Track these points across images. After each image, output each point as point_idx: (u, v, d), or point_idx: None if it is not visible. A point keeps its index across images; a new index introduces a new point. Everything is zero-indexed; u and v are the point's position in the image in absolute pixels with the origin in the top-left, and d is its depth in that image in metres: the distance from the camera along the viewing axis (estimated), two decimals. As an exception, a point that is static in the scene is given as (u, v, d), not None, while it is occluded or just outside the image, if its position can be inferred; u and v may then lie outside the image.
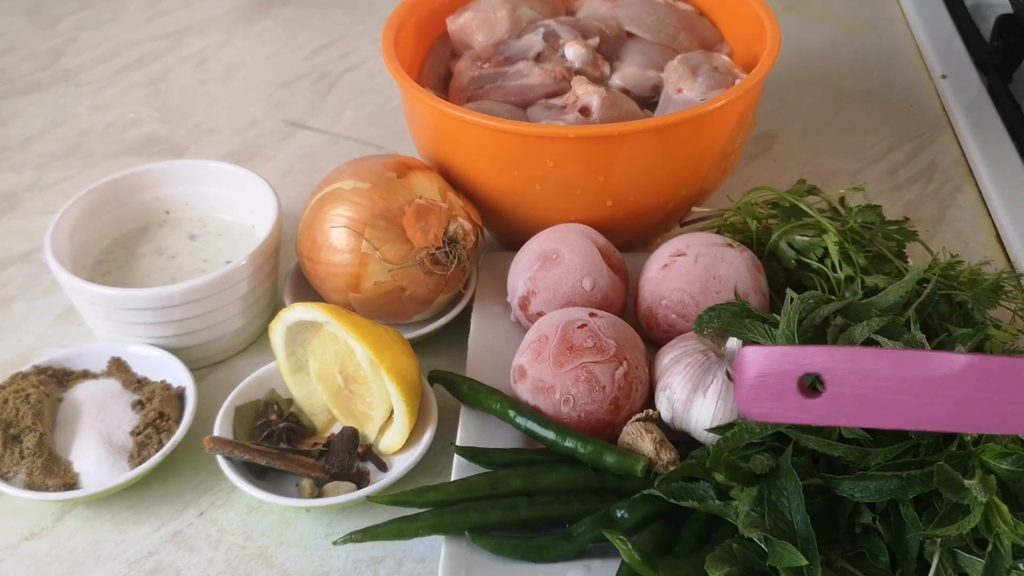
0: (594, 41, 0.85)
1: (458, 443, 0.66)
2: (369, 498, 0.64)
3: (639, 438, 0.63)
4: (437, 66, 0.88)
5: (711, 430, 0.62)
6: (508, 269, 0.75)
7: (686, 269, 0.70)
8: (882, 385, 0.47)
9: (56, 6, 1.28)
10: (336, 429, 0.71)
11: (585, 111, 0.78)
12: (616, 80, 0.84)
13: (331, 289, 0.74)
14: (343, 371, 0.69)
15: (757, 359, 0.49)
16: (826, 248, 0.72)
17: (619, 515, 0.60)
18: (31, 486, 0.66)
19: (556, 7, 0.91)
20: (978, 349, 0.62)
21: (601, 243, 0.73)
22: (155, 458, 0.67)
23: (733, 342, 0.64)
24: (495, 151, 0.75)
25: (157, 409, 0.70)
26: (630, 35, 0.87)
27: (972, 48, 1.12)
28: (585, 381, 0.64)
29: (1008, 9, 1.10)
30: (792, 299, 0.64)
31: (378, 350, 0.66)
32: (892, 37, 1.19)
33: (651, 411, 0.65)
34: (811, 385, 0.49)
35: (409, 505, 0.62)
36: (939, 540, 0.54)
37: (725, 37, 0.89)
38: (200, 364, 0.77)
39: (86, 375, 0.74)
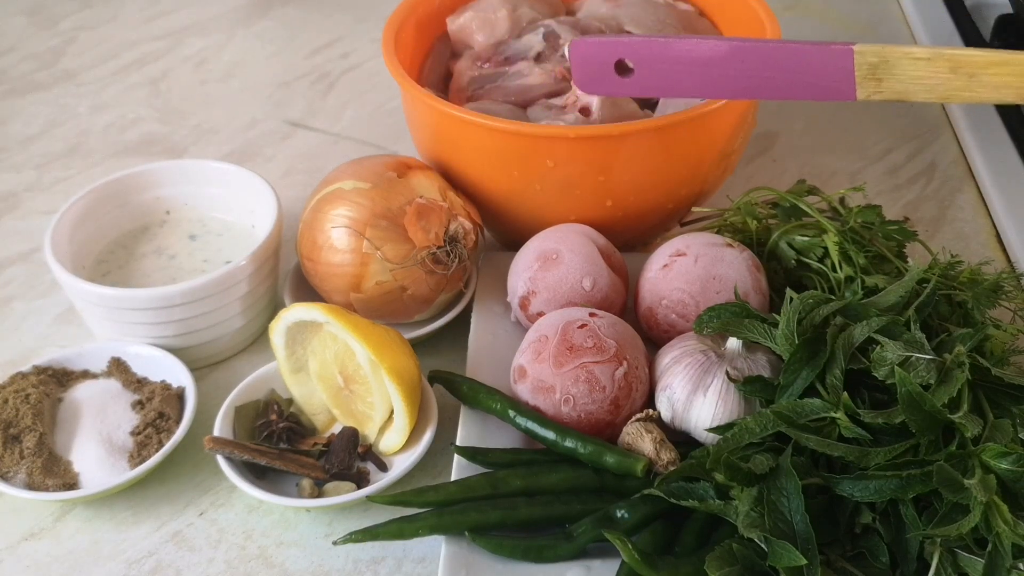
0: (594, 41, 0.85)
1: (458, 443, 0.66)
2: (369, 498, 0.64)
3: (639, 438, 0.63)
4: (437, 66, 0.88)
5: (711, 430, 0.62)
6: (508, 269, 0.75)
7: (686, 269, 0.70)
8: (673, 66, 0.63)
9: (56, 6, 1.28)
10: (336, 429, 0.71)
11: (585, 111, 0.78)
12: (616, 80, 0.84)
13: (332, 289, 0.74)
14: (343, 371, 0.69)
15: (580, 47, 0.66)
16: (826, 248, 0.72)
17: (619, 515, 0.60)
18: (31, 486, 0.66)
19: (556, 7, 0.91)
20: (978, 349, 0.62)
21: (601, 243, 0.73)
22: (155, 458, 0.67)
23: (733, 342, 0.64)
24: (495, 151, 0.75)
25: (157, 409, 0.70)
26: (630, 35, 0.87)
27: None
28: (585, 381, 0.64)
29: (1008, 9, 1.10)
30: (792, 299, 0.64)
31: (378, 350, 0.66)
32: (892, 37, 1.19)
33: (651, 411, 0.65)
34: (625, 68, 0.65)
35: (409, 505, 0.62)
36: (939, 540, 0.54)
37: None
38: (200, 364, 0.77)
39: (86, 375, 0.74)
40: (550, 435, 0.64)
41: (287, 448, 0.69)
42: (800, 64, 0.59)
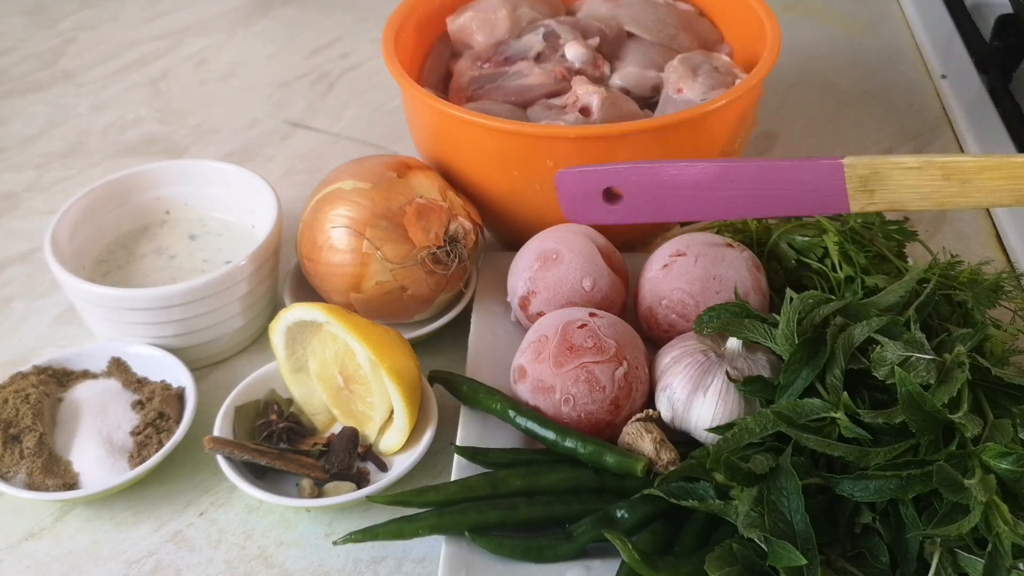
0: (594, 41, 0.85)
1: (458, 443, 0.66)
2: (369, 498, 0.64)
3: (639, 438, 0.63)
4: (437, 66, 0.88)
5: (711, 430, 0.62)
6: (508, 269, 0.75)
7: (686, 269, 0.70)
8: (662, 191, 0.62)
9: (56, 6, 1.28)
10: (336, 429, 0.71)
11: (585, 111, 0.78)
12: (616, 80, 0.84)
13: (332, 289, 0.74)
14: (343, 371, 0.69)
15: (568, 179, 0.65)
16: (826, 248, 0.72)
17: (619, 515, 0.60)
18: (31, 486, 0.66)
19: (556, 7, 0.91)
20: (978, 349, 0.62)
21: (601, 243, 0.73)
22: (155, 458, 0.67)
23: (733, 342, 0.64)
24: (495, 151, 0.75)
25: (157, 409, 0.70)
26: (630, 35, 0.87)
27: (972, 48, 1.12)
28: (585, 381, 0.64)
29: (1008, 9, 1.10)
30: (792, 299, 0.64)
31: (378, 350, 0.66)
32: (892, 37, 1.19)
33: (651, 411, 0.65)
34: (613, 195, 0.64)
35: (409, 505, 0.62)
36: (939, 540, 0.54)
37: (725, 37, 0.89)
38: (200, 364, 0.77)
39: (86, 375, 0.74)
40: (550, 435, 0.64)
41: (287, 448, 0.69)
42: (790, 181, 0.58)
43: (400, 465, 0.67)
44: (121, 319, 0.74)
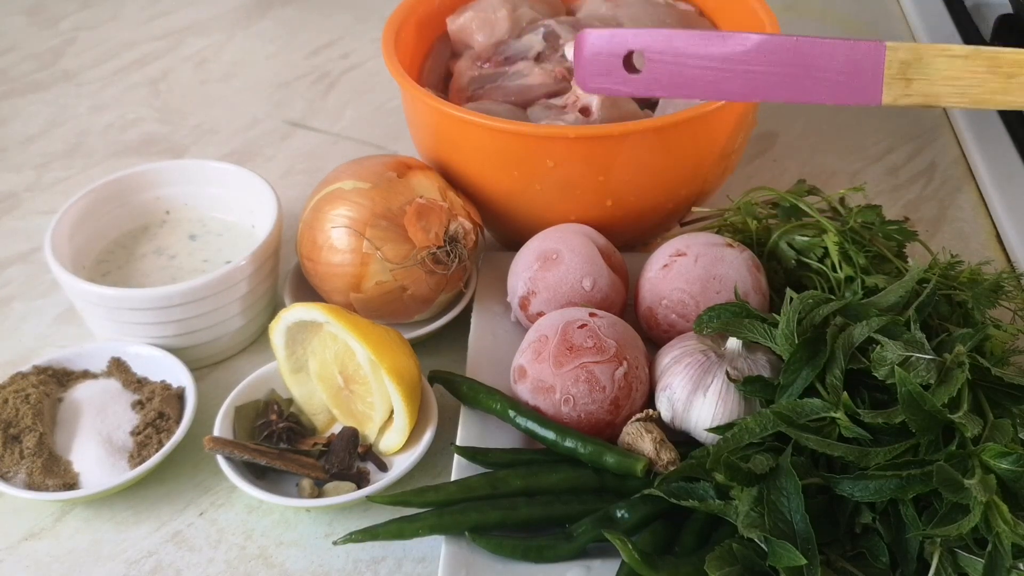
0: (594, 41, 0.85)
1: (458, 443, 0.66)
2: (369, 498, 0.64)
3: (639, 438, 0.63)
4: (437, 66, 0.88)
5: (711, 430, 0.62)
6: (508, 269, 0.75)
7: (686, 269, 0.70)
8: (689, 61, 0.56)
9: (56, 6, 1.28)
10: (336, 429, 0.71)
11: (585, 111, 0.78)
12: (616, 80, 0.84)
13: (332, 289, 0.74)
14: (343, 371, 0.69)
15: (590, 39, 0.58)
16: (826, 248, 0.72)
17: (619, 515, 0.60)
18: (31, 486, 0.66)
19: (556, 7, 0.91)
20: (978, 349, 0.62)
21: (601, 243, 0.73)
22: (155, 458, 0.67)
23: (733, 342, 0.64)
24: (495, 151, 0.75)
25: (157, 409, 0.70)
26: (630, 35, 0.87)
27: (972, 48, 1.12)
28: (585, 381, 0.64)
29: (1008, 9, 1.10)
30: (792, 299, 0.64)
31: (378, 350, 0.66)
32: (892, 37, 1.18)
33: (651, 411, 0.65)
34: (634, 64, 0.58)
35: (409, 505, 0.62)
36: (939, 540, 0.54)
37: (725, 37, 0.89)
38: (200, 364, 0.77)
39: (86, 375, 0.74)
40: (550, 435, 0.64)
41: (287, 448, 0.69)
42: (828, 60, 0.55)
43: (400, 465, 0.67)
44: (121, 319, 0.74)
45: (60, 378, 0.73)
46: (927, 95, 0.54)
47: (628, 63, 0.59)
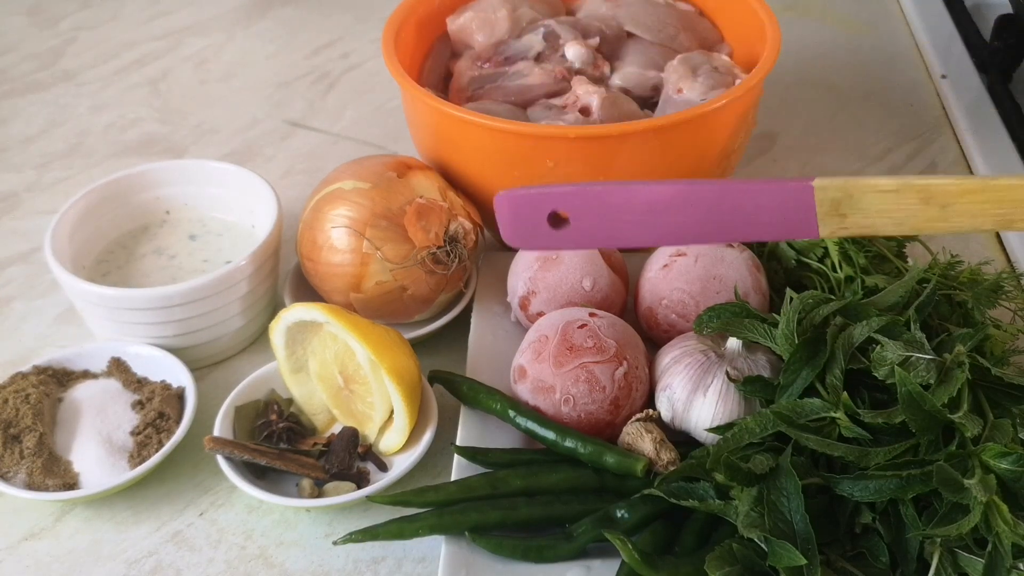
0: (594, 41, 0.85)
1: (458, 443, 0.66)
2: (369, 498, 0.64)
3: (639, 438, 0.63)
4: (437, 66, 0.88)
5: (711, 430, 0.62)
6: (508, 269, 0.75)
7: (686, 269, 0.70)
8: (614, 214, 0.55)
9: (56, 6, 1.28)
10: (336, 429, 0.71)
11: (585, 111, 0.78)
12: (616, 80, 0.84)
13: (332, 289, 0.74)
14: (343, 371, 0.69)
15: (507, 202, 0.57)
16: (826, 248, 0.72)
17: (619, 515, 0.60)
18: (31, 486, 0.66)
19: (556, 7, 0.91)
20: (978, 349, 0.62)
21: (601, 243, 0.73)
22: (155, 458, 0.67)
23: (733, 342, 0.64)
24: (495, 151, 0.75)
25: (157, 409, 0.70)
26: (630, 35, 0.87)
27: (972, 48, 1.12)
28: (585, 381, 0.64)
29: (1008, 9, 1.10)
30: (792, 299, 0.64)
31: (378, 350, 0.66)
32: (892, 37, 1.19)
33: (651, 411, 0.65)
34: (559, 220, 0.56)
35: (409, 505, 0.62)
36: (939, 540, 0.54)
37: (725, 37, 0.89)
38: (200, 364, 0.77)
39: (86, 375, 0.74)
40: (550, 435, 0.64)
41: (287, 448, 0.69)
42: (755, 205, 0.54)
43: (400, 465, 0.67)
44: (121, 319, 0.74)
45: (60, 378, 0.73)
46: (864, 227, 0.53)
47: (554, 219, 0.57)
